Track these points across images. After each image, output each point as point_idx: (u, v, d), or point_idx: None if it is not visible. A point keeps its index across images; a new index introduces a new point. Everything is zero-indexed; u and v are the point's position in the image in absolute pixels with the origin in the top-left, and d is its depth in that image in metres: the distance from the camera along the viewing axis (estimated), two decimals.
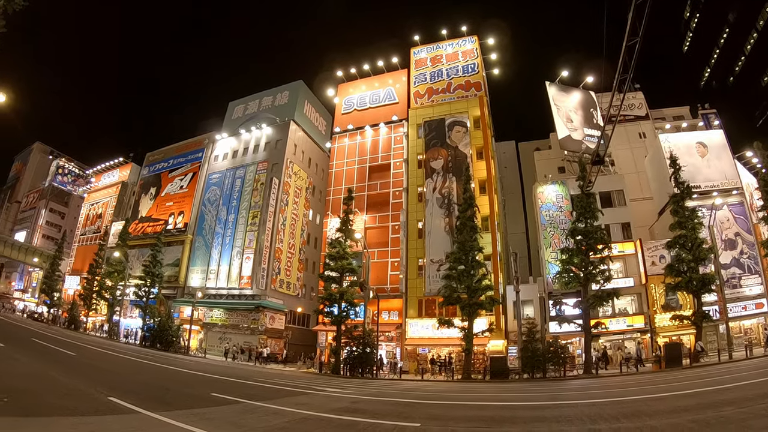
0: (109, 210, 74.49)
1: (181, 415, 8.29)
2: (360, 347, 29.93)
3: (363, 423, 8.84)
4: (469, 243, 29.79)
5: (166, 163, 62.32)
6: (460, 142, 40.10)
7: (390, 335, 37.04)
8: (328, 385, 19.42)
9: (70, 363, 17.70)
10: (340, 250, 32.93)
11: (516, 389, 19.01)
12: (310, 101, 56.09)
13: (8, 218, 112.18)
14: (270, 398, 12.55)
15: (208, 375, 19.76)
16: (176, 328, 39.88)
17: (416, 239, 38.99)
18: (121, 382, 14.01)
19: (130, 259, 52.64)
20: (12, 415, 7.09)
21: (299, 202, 49.42)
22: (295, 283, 46.86)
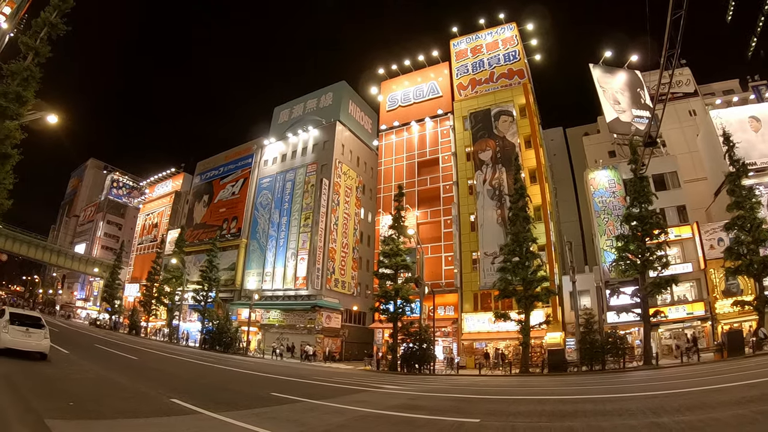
0: (164, 219, 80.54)
1: (243, 415, 8.78)
2: (416, 343, 31.20)
3: (422, 419, 9.24)
4: (523, 234, 30.80)
5: (217, 170, 67.51)
6: (507, 131, 41.50)
7: (446, 330, 38.72)
8: (385, 383, 20.18)
9: (133, 367, 19.10)
10: (393, 247, 34.44)
11: (575, 382, 19.47)
12: (354, 101, 59.24)
13: (68, 232, 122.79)
14: (329, 397, 13.06)
15: (268, 375, 20.75)
16: (234, 330, 43.43)
17: (469, 232, 40.72)
18: (183, 384, 14.95)
19: (187, 265, 57.73)
20: (78, 418, 7.66)
21: (350, 202, 52.40)
22: (350, 282, 49.74)
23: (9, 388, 9.87)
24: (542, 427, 8.24)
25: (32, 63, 18.74)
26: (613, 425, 7.69)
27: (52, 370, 13.75)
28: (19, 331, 15.05)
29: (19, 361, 14.11)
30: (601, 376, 23.14)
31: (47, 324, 16.76)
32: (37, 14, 19.96)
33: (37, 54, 18.86)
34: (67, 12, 19.61)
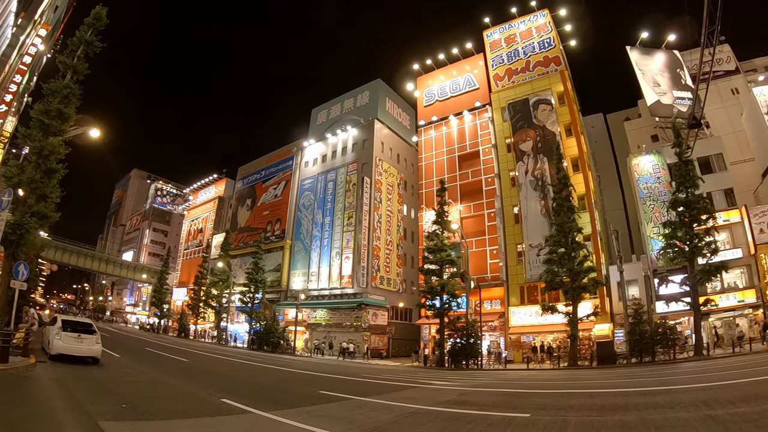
0: (208, 224, 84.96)
1: (293, 414, 9.17)
2: (463, 338, 32.14)
3: (472, 415, 9.43)
4: (568, 224, 31.34)
5: (259, 174, 71.27)
6: (547, 120, 42.30)
7: (493, 325, 39.84)
8: (433, 379, 20.82)
9: (183, 368, 19.94)
10: (437, 242, 35.39)
11: (625, 375, 19.81)
12: (391, 98, 61.43)
13: (115, 241, 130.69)
14: (378, 393, 13.48)
15: (316, 373, 21.40)
16: (282, 330, 46.08)
17: (513, 225, 41.76)
18: (233, 384, 15.56)
19: (233, 268, 61.20)
20: (131, 419, 8.13)
21: (392, 199, 54.49)
22: (395, 279, 51.74)
23: (63, 392, 10.58)
24: (593, 420, 8.37)
25: (71, 81, 19.79)
26: (665, 418, 7.79)
27: (105, 374, 14.66)
28: (72, 337, 16.07)
29: (73, 366, 15.11)
30: (652, 368, 23.55)
31: (98, 329, 17.88)
32: (72, 34, 21.12)
33: (76, 72, 19.96)
34: (101, 29, 20.87)
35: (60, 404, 9.08)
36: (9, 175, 18.03)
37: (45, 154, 18.24)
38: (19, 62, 37.31)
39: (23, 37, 34.82)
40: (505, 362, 33.65)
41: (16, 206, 17.39)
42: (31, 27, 36.22)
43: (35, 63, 42.19)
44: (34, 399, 9.62)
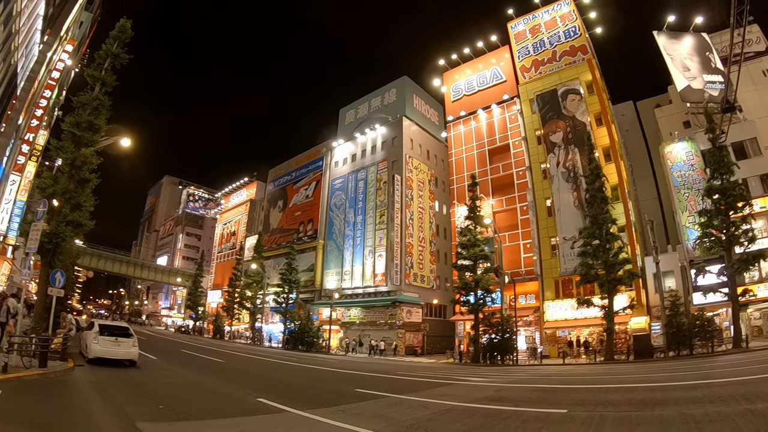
0: (241, 227, 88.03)
1: (329, 412, 9.47)
2: (499, 334, 32.69)
3: (508, 411, 9.72)
4: (602, 215, 31.65)
5: (289, 176, 73.97)
6: (577, 110, 42.78)
7: (528, 319, 40.54)
8: (469, 375, 21.31)
9: (219, 369, 20.69)
10: (470, 237, 36.21)
11: (663, 369, 20.02)
12: (418, 94, 62.71)
13: (149, 246, 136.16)
14: (413, 391, 13.82)
15: (351, 372, 22.05)
16: (316, 329, 47.84)
17: (546, 218, 42.49)
18: (268, 383, 16.15)
19: (266, 269, 63.92)
20: (168, 420, 8.42)
21: (424, 195, 55.77)
22: (429, 276, 53.02)
23: (101, 394, 11.14)
24: (632, 416, 8.45)
25: (100, 93, 20.51)
26: (705, 413, 7.84)
27: (142, 376, 15.23)
28: (109, 340, 16.73)
29: (111, 369, 15.77)
30: (690, 361, 23.82)
31: (135, 333, 18.59)
32: (98, 48, 21.90)
33: (104, 84, 20.68)
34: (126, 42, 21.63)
35: (98, 406, 9.63)
36: (43, 186, 18.93)
37: (78, 164, 19.16)
38: (48, 78, 39.25)
39: (50, 53, 36.73)
40: (540, 357, 34.03)
41: (51, 216, 18.21)
42: (58, 43, 38.05)
43: (63, 78, 44.58)
44: (73, 401, 10.10)
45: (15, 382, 11.49)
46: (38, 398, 10.09)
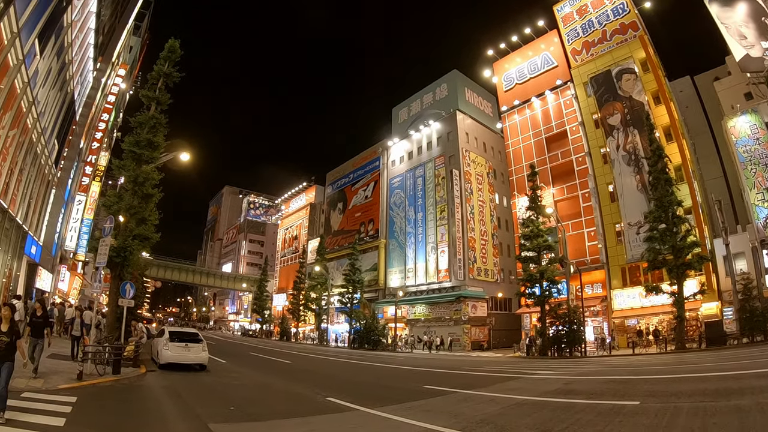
0: (302, 231, 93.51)
1: (398, 409, 9.92)
2: (566, 325, 33.28)
3: (579, 404, 9.95)
4: (666, 198, 31.86)
5: (347, 178, 78.35)
6: (633, 90, 43.09)
7: (595, 309, 41.35)
8: (537, 368, 21.72)
9: (287, 370, 21.70)
10: (533, 228, 37.07)
11: (736, 356, 20.10)
12: (470, 87, 64.60)
13: (213, 255, 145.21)
14: (482, 386, 14.29)
15: (418, 368, 23.21)
16: (382, 327, 50.37)
17: (609, 204, 43.17)
18: (337, 383, 16.93)
19: (330, 271, 67.65)
20: (239, 420, 8.91)
21: (483, 188, 57.79)
22: (493, 269, 55.13)
23: (174, 398, 11.89)
24: (707, 406, 8.50)
25: (156, 111, 21.90)
26: None
27: (212, 379, 16.15)
28: (179, 346, 17.84)
29: (182, 374, 16.80)
30: (765, 347, 23.88)
31: (204, 338, 19.58)
32: (150, 69, 23.53)
33: (159, 103, 22.09)
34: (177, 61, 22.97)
35: (171, 409, 10.35)
36: (108, 204, 20.34)
37: (140, 181, 20.48)
38: (104, 102, 43.49)
39: (104, 78, 40.26)
40: (609, 348, 34.28)
41: (118, 231, 19.53)
42: (110, 69, 41.63)
43: (119, 101, 49.35)
44: (146, 406, 10.84)
45: (90, 388, 12.32)
46: (113, 403, 10.89)
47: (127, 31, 43.78)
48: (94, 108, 39.94)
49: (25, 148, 23.94)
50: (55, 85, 26.23)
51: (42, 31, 19.57)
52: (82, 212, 42.36)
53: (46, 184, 31.48)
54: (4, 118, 18.98)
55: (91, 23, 29.45)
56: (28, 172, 25.77)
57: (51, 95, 25.97)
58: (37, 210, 30.33)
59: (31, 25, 18.11)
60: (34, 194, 28.48)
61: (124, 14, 40.07)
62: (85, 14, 27.31)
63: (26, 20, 17.14)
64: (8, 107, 19.14)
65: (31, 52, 19.28)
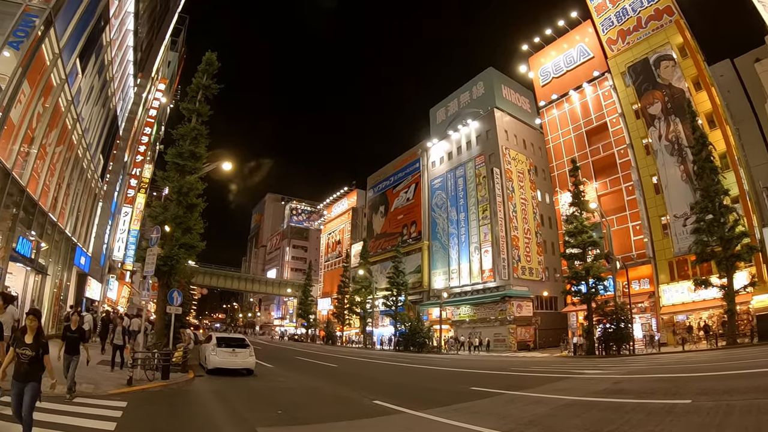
0: (345, 235, 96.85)
1: (445, 412, 10.19)
2: (613, 323, 33.52)
3: (629, 404, 10.08)
4: (713, 187, 31.92)
5: (388, 181, 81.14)
6: (672, 77, 43.08)
7: (643, 306, 41.47)
8: (585, 367, 22.08)
9: (333, 374, 22.14)
10: (577, 224, 37.46)
11: None
12: (506, 84, 65.71)
13: (258, 261, 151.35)
14: (529, 387, 14.56)
15: (464, 370, 23.72)
16: (427, 329, 52.11)
17: (654, 196, 43.33)
18: (383, 385, 17.23)
19: (374, 274, 70.45)
20: (287, 424, 9.18)
21: (524, 186, 58.85)
22: (537, 268, 56.17)
23: (222, 402, 12.43)
24: (761, 404, 8.50)
25: (197, 123, 22.86)
26: None
27: (259, 383, 16.67)
28: (226, 352, 18.70)
29: (229, 378, 17.52)
30: None
31: (251, 343, 20.52)
32: (188, 82, 24.62)
33: (200, 114, 23.07)
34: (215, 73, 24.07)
35: (219, 413, 10.79)
36: (154, 214, 21.69)
37: (184, 191, 21.41)
38: (146, 116, 46.84)
39: (145, 94, 43.13)
40: (658, 345, 34.50)
41: (164, 241, 20.25)
42: (150, 84, 44.45)
43: (160, 114, 52.78)
44: (195, 410, 11.36)
45: (140, 393, 12.93)
46: (162, 407, 11.38)
47: (165, 47, 46.87)
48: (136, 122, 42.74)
49: (72, 163, 25.75)
50: (98, 101, 28.22)
51: (82, 51, 21.18)
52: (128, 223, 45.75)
53: (93, 197, 33.71)
54: (50, 136, 20.58)
55: (129, 41, 31.80)
56: (75, 187, 27.78)
57: (94, 112, 27.99)
58: (85, 222, 32.40)
59: (72, 45, 19.61)
60: (81, 207, 30.48)
61: (161, 31, 42.95)
62: (123, 32, 29.57)
63: (67, 41, 18.52)
64: (54, 125, 20.67)
65: (73, 71, 20.85)
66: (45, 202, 21.69)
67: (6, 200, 16.58)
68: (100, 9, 21.88)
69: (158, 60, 44.86)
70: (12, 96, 14.95)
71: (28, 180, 18.66)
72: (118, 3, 25.76)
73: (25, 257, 20.04)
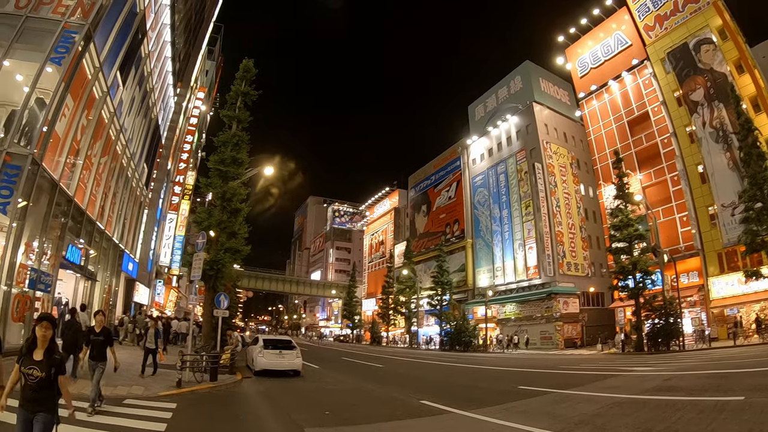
0: (388, 235, 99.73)
1: (493, 411, 10.35)
2: (662, 318, 33.70)
3: (681, 401, 10.13)
4: (760, 174, 31.44)
5: (429, 180, 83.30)
6: (713, 61, 42.79)
7: (692, 300, 41.31)
8: (634, 365, 22.39)
9: (379, 374, 22.61)
10: (622, 217, 37.64)
11: None
12: (544, 77, 66.47)
13: (302, 264, 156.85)
14: (577, 385, 14.70)
15: (511, 369, 24.16)
16: (472, 328, 52.89)
17: (700, 185, 43.18)
18: (430, 385, 17.52)
19: (418, 274, 71.64)
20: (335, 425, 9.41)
21: (567, 180, 59.52)
22: (583, 263, 56.93)
23: (269, 403, 12.88)
24: None
25: (238, 129, 23.69)
26: None
27: (306, 384, 17.12)
28: (273, 353, 19.29)
29: (276, 380, 17.98)
30: None
31: (297, 344, 20.95)
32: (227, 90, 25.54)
33: (240, 121, 23.88)
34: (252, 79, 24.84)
35: (267, 413, 11.20)
36: (199, 220, 22.18)
37: (228, 197, 22.16)
38: (187, 125, 49.50)
39: (185, 103, 45.66)
40: (709, 340, 34.58)
41: (210, 246, 21.01)
42: (190, 93, 46.94)
43: (201, 122, 55.51)
44: (243, 411, 11.63)
45: (189, 395, 13.40)
46: (210, 409, 11.78)
47: (202, 56, 49.82)
48: (177, 131, 45.37)
49: (117, 172, 27.12)
50: (140, 112, 29.66)
51: (122, 63, 22.35)
52: (174, 229, 48.76)
53: (138, 205, 35.51)
54: (95, 147, 21.73)
55: (167, 52, 33.53)
56: (121, 195, 29.27)
57: (137, 122, 29.46)
58: (131, 229, 34.11)
59: (112, 58, 20.72)
60: (128, 215, 32.06)
61: (197, 41, 45.65)
62: (161, 44, 31.49)
63: (107, 54, 19.60)
64: (98, 136, 21.87)
65: (114, 83, 21.96)
66: (92, 211, 22.97)
67: (54, 210, 17.66)
68: (137, 22, 23.40)
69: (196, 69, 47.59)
70: (56, 110, 16.10)
71: (75, 190, 19.88)
72: (154, 16, 27.44)
73: (75, 264, 21.47)
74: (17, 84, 16.90)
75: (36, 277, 16.30)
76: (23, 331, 15.22)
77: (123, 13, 20.49)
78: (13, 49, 15.90)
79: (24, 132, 15.63)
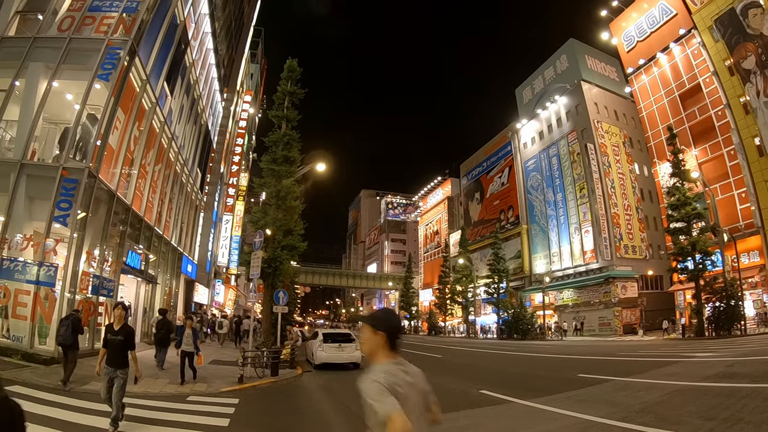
0: (443, 225, 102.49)
1: (553, 400, 10.60)
2: (723, 301, 33.50)
3: (744, 389, 10.17)
4: None
5: (480, 167, 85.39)
6: (763, 26, 41.75)
7: (753, 281, 40.62)
8: (695, 350, 22.40)
9: (438, 364, 23.16)
10: (679, 196, 37.91)
11: None
12: (590, 54, 66.46)
13: (357, 257, 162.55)
14: (638, 372, 14.83)
15: (570, 356, 24.41)
16: (530, 316, 54.25)
17: (758, 159, 42.29)
18: (489, 375, 18.09)
19: (473, 262, 73.80)
20: None
21: (621, 160, 59.74)
22: (640, 246, 57.37)
23: (329, 396, 13.49)
24: None
25: (287, 129, 24.62)
26: None
27: None
28: (333, 347, 19.98)
29: (336, 373, 18.76)
30: None
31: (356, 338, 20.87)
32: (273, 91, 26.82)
33: (288, 120, 24.89)
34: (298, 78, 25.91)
35: (328, 407, 11.68)
36: (255, 219, 23.51)
37: (282, 195, 23.22)
38: (236, 128, 52.75)
39: (233, 107, 48.64)
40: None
41: (267, 244, 21.92)
42: (237, 97, 49.68)
43: (250, 124, 58.72)
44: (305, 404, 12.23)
45: (251, 390, 14.10)
46: (272, 403, 12.34)
47: (245, 60, 53.17)
48: (227, 135, 48.63)
49: (172, 179, 28.49)
50: (189, 119, 31.42)
51: (168, 74, 23.70)
52: (230, 230, 52.48)
53: (194, 208, 37.53)
54: (148, 156, 23.00)
55: (211, 59, 35.67)
56: (177, 200, 30.83)
57: (187, 129, 31.14)
58: (189, 233, 35.94)
59: (158, 70, 22.09)
60: (184, 219, 33.86)
61: (239, 46, 48.96)
62: (204, 52, 33.23)
63: (152, 67, 20.93)
64: (151, 145, 23.11)
65: (162, 93, 23.23)
66: (150, 218, 24.34)
67: (113, 219, 18.95)
68: (179, 33, 24.79)
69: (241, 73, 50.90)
70: (108, 123, 17.35)
71: (132, 198, 21.27)
72: (195, 25, 29.11)
73: (135, 269, 22.82)
74: (68, 103, 18.69)
75: (98, 283, 17.94)
76: (89, 335, 16.97)
77: (164, 25, 22.01)
78: (60, 70, 17.43)
79: (78, 147, 17.18)
